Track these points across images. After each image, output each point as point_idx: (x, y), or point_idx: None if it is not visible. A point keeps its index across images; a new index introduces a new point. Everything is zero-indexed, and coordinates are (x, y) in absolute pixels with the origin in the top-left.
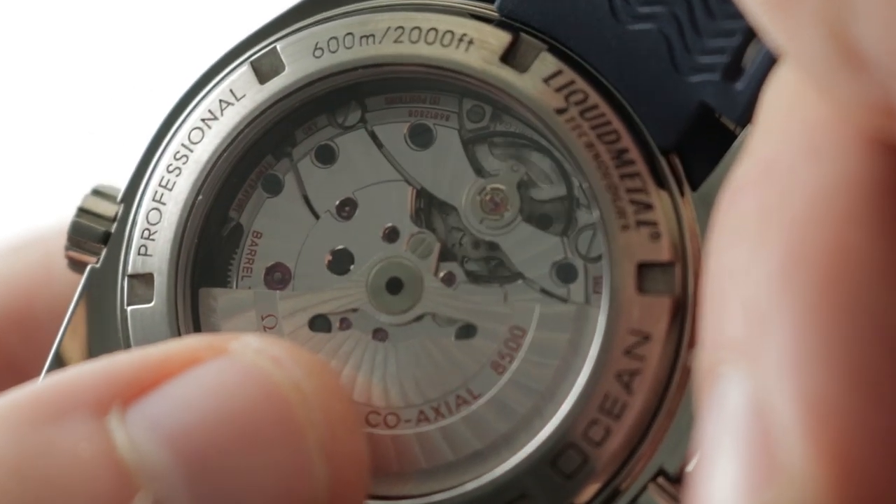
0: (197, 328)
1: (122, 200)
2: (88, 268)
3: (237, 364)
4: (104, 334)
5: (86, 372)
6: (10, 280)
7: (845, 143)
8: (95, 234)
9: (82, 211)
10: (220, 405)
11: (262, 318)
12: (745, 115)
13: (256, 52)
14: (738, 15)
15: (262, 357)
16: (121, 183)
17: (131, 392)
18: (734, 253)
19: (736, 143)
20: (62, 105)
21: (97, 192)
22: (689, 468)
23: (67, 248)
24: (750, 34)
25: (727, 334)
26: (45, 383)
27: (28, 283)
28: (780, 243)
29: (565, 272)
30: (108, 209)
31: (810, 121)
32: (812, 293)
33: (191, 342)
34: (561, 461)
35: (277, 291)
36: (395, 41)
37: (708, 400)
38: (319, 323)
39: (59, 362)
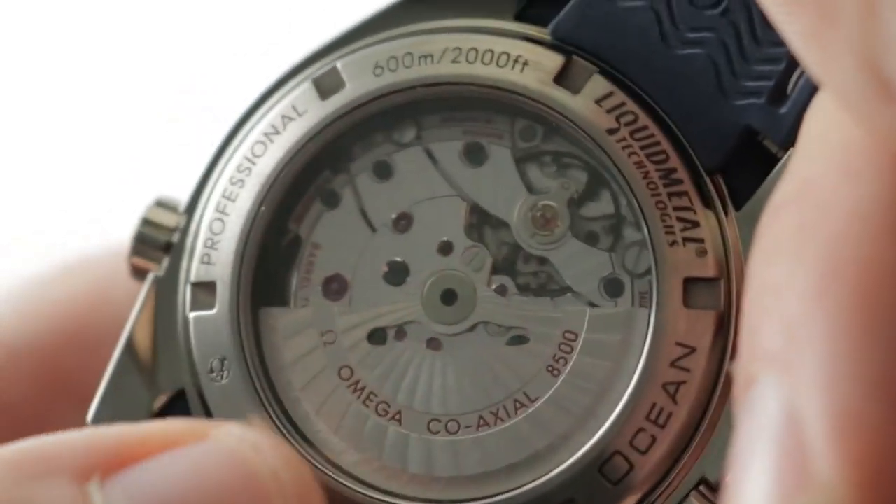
0: (259, 346)
1: (186, 211)
2: (151, 276)
3: (218, 448)
4: (162, 342)
5: (68, 439)
6: (63, 303)
7: (881, 166)
8: (159, 244)
9: (146, 221)
10: (198, 485)
11: (322, 335)
12: (789, 139)
13: (317, 69)
14: (783, 42)
15: (243, 444)
16: (181, 193)
17: (112, 464)
18: (773, 268)
19: (779, 165)
20: (144, 93)
21: (160, 204)
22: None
23: (131, 256)
24: (794, 61)
25: (764, 346)
26: (28, 444)
27: (81, 305)
28: (817, 260)
29: (613, 287)
30: (170, 219)
31: (847, 144)
32: (845, 307)
33: (172, 425)
34: (607, 468)
35: (336, 308)
36: (453, 61)
37: (744, 408)
38: (377, 336)
39: (131, 352)
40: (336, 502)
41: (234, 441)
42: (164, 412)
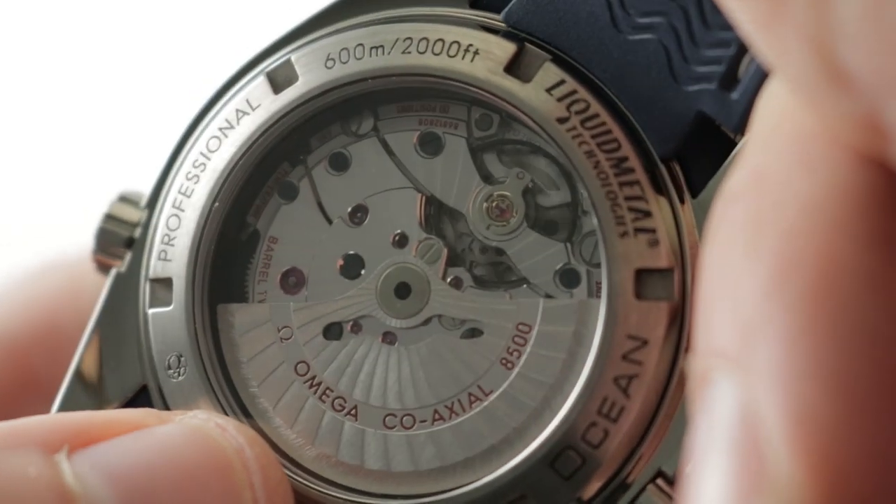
0: (216, 342)
1: (147, 206)
2: (114, 272)
3: (182, 427)
4: (125, 338)
5: (36, 419)
6: (35, 302)
7: (834, 156)
8: (121, 239)
9: (109, 217)
10: (163, 457)
11: (279, 330)
12: (742, 124)
13: (271, 63)
14: (732, 26)
15: (208, 423)
16: (146, 188)
17: (79, 441)
18: (726, 261)
19: (735, 151)
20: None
21: (123, 199)
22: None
23: (95, 252)
24: (745, 44)
25: (718, 342)
26: None
27: (52, 305)
28: (771, 254)
29: (569, 277)
30: (133, 215)
31: (801, 132)
32: (801, 305)
33: (137, 410)
34: (559, 463)
35: (291, 303)
36: (404, 52)
37: (699, 407)
38: (332, 330)
39: (93, 350)
40: (294, 497)
41: (198, 422)
42: (126, 407)
